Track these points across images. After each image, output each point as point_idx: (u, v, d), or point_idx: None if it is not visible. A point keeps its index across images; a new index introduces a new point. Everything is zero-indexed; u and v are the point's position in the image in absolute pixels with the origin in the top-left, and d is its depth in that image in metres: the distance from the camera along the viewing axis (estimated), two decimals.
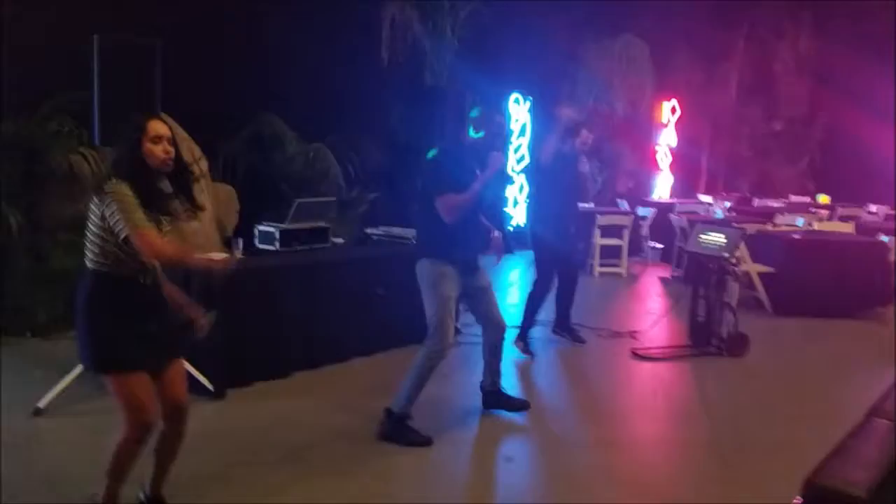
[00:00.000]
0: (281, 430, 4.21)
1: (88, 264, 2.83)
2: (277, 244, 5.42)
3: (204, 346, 4.60)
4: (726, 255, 5.95)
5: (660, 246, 10.89)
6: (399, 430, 4.02)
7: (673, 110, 14.59)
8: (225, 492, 3.42)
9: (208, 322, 3.05)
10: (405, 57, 9.57)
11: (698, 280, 6.23)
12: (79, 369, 4.25)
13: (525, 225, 10.69)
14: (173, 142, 2.86)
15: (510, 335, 4.90)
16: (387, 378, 5.25)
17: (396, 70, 9.55)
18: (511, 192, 11.80)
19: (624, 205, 11.50)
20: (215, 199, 6.93)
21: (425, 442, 4.00)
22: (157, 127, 2.81)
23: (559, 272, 6.03)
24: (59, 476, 3.47)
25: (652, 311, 7.67)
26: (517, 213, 11.87)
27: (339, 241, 5.96)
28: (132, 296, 2.82)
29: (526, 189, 11.49)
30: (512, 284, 8.88)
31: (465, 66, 10.06)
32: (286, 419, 4.39)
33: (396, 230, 6.26)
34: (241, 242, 5.24)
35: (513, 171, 11.63)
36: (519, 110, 11.70)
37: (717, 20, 14.93)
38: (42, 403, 4.18)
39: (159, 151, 2.79)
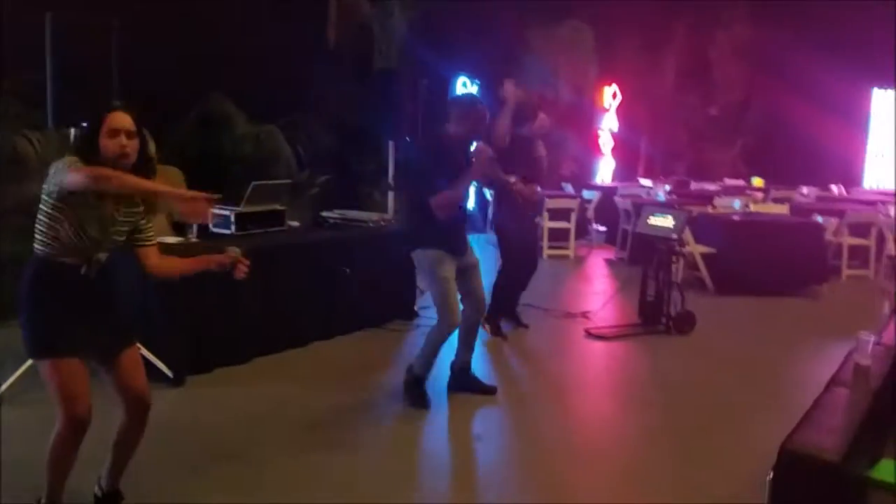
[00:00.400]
0: (243, 417, 4.19)
1: (35, 249, 2.74)
2: (233, 228, 5.34)
3: (162, 332, 4.62)
4: (675, 236, 6.13)
5: (604, 228, 11.11)
6: (411, 387, 4.45)
7: (614, 95, 14.85)
8: (193, 482, 3.39)
9: (237, 260, 2.99)
10: (353, 38, 9.50)
11: (647, 261, 6.41)
12: None
13: (474, 208, 10.76)
14: (139, 135, 2.75)
15: None
16: (347, 361, 5.29)
17: (344, 51, 9.47)
18: None
19: (569, 188, 11.69)
20: (163, 182, 6.78)
21: (424, 406, 4.37)
22: (115, 120, 2.69)
23: (521, 256, 6.09)
24: (19, 466, 3.39)
25: (600, 292, 7.85)
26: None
27: (295, 224, 5.92)
28: (74, 284, 2.73)
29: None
30: None
31: (413, 48, 10.04)
32: (248, 406, 4.37)
33: (353, 213, 6.25)
34: (195, 227, 5.21)
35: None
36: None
37: (657, 7, 15.23)
38: None
39: (113, 146, 2.68)
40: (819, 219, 8.53)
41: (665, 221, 6.21)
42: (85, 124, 2.82)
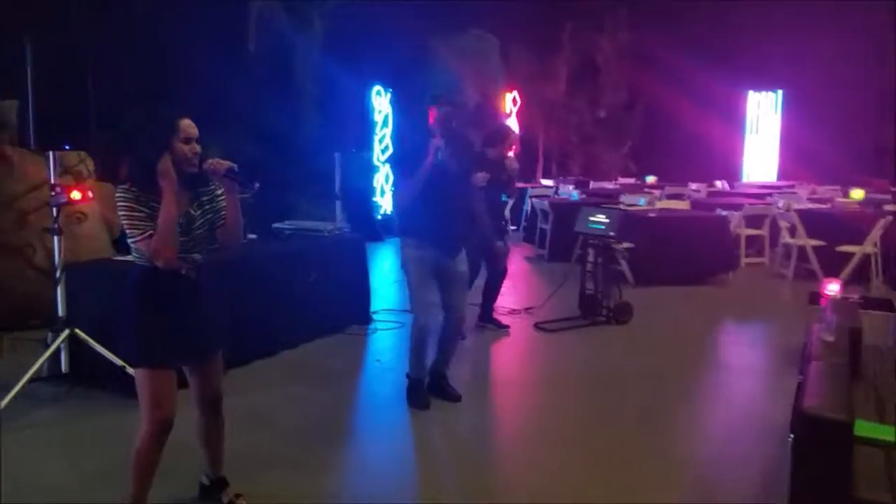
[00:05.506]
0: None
1: (134, 259, 2.87)
2: None
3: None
4: (612, 233, 6.60)
5: (514, 228, 11.63)
6: (409, 390, 4.57)
7: (514, 101, 15.46)
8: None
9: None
10: (272, 50, 9.54)
11: (586, 256, 6.86)
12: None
13: (392, 212, 10.99)
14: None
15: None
16: (317, 368, 5.39)
17: (264, 63, 9.51)
18: (378, 180, 12.09)
19: None
20: (100, 198, 6.65)
21: (420, 406, 4.46)
22: (190, 128, 2.82)
23: (487, 265, 6.33)
24: None
25: (534, 288, 8.26)
26: (384, 202, 12.17)
27: (253, 237, 5.98)
28: (176, 289, 2.86)
29: (391, 178, 11.80)
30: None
31: (330, 59, 10.19)
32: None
33: (308, 224, 6.36)
34: None
35: (379, 160, 11.92)
36: (381, 102, 11.97)
37: (545, 16, 15.97)
38: None
39: (188, 151, 2.82)
40: (723, 213, 9.29)
41: (602, 220, 6.66)
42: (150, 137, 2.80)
